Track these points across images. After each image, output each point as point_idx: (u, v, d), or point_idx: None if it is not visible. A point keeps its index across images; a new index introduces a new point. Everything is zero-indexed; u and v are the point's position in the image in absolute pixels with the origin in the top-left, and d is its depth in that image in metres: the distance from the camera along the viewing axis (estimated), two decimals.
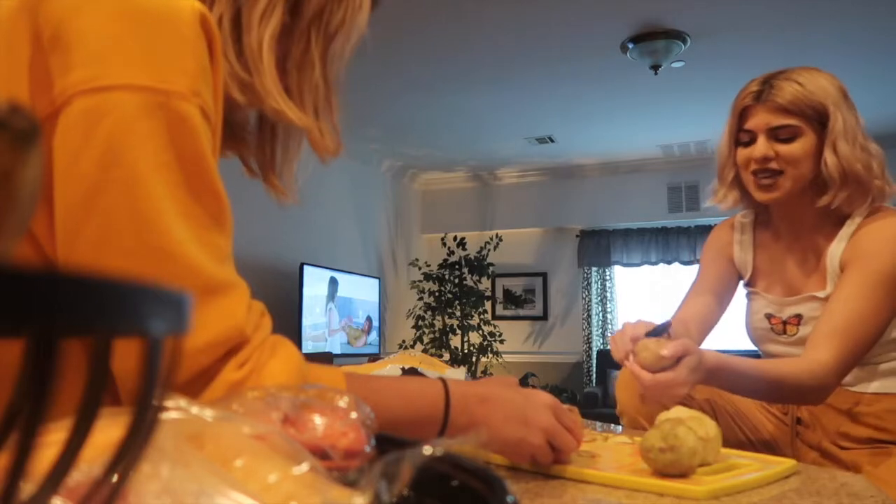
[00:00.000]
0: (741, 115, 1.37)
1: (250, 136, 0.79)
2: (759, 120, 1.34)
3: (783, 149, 1.32)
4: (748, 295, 1.52)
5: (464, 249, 6.08)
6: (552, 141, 5.62)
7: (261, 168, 0.80)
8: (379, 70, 4.17)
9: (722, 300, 1.51)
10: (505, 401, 0.73)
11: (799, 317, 1.39)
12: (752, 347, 1.55)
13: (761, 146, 1.33)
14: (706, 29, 3.64)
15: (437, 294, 5.99)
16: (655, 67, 3.90)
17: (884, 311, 1.25)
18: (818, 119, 1.31)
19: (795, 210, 1.39)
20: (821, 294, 1.35)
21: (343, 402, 0.45)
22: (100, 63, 0.52)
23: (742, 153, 1.38)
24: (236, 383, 0.56)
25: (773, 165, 1.33)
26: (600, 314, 6.37)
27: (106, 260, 0.53)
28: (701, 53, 3.88)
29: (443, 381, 0.72)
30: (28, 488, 0.18)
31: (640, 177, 6.21)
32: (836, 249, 1.33)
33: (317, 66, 0.70)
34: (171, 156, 0.54)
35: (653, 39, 3.72)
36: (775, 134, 1.33)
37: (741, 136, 1.38)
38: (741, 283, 1.53)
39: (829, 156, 1.30)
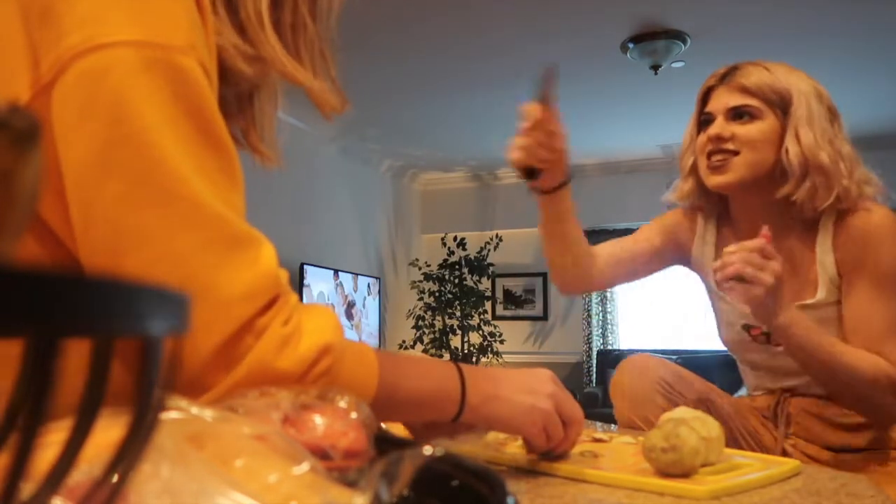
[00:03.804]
0: (704, 97, 1.34)
1: (231, 105, 0.79)
2: (719, 101, 1.30)
3: (740, 129, 1.27)
4: (713, 297, 1.45)
5: (464, 249, 6.08)
6: None
7: (245, 135, 0.80)
8: (379, 70, 4.16)
9: (637, 264, 1.45)
10: (510, 375, 0.75)
11: None
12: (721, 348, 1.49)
13: (717, 125, 1.29)
14: (706, 29, 3.64)
15: (437, 294, 5.99)
16: (655, 67, 3.89)
17: None
18: (781, 105, 1.27)
19: (753, 204, 1.33)
20: (810, 301, 1.29)
21: (343, 402, 0.45)
22: (93, 24, 0.52)
23: (701, 136, 1.33)
24: (286, 337, 0.55)
25: (729, 146, 1.28)
26: (600, 314, 6.37)
27: (132, 214, 0.52)
28: (701, 53, 3.88)
29: (451, 361, 0.74)
30: (28, 488, 0.18)
31: (640, 177, 6.21)
32: (823, 253, 1.28)
33: (308, 25, 0.71)
34: (178, 110, 0.53)
35: (653, 39, 3.72)
36: (734, 113, 1.28)
37: (702, 119, 1.34)
38: (707, 291, 1.46)
39: (790, 143, 1.24)
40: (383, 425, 0.57)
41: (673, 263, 1.51)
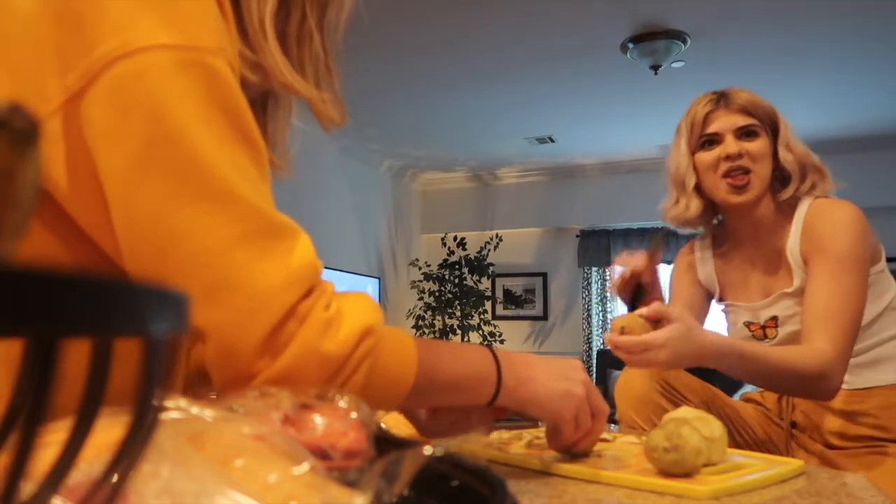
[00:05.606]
0: (704, 121, 1.43)
1: None
2: (725, 121, 1.41)
3: (750, 146, 1.39)
4: (724, 310, 1.55)
5: (464, 249, 6.08)
6: (552, 141, 5.62)
7: None
8: (379, 70, 4.17)
9: (697, 314, 1.54)
10: (543, 361, 0.76)
11: (775, 318, 1.41)
12: None
13: (731, 143, 1.39)
14: (706, 29, 3.64)
15: (437, 294, 5.99)
16: (655, 67, 3.89)
17: (856, 291, 1.27)
18: (770, 124, 1.41)
19: (757, 213, 1.42)
20: (789, 290, 1.37)
21: (343, 402, 0.45)
22: (127, 30, 0.53)
23: (707, 156, 1.42)
24: (329, 321, 0.57)
25: (745, 163, 1.38)
26: (600, 314, 6.37)
27: (173, 211, 0.53)
28: (701, 53, 3.88)
29: (483, 345, 0.76)
30: (28, 488, 0.18)
31: (640, 177, 6.20)
32: (793, 244, 1.37)
33: (315, 38, 0.72)
34: (212, 109, 0.55)
35: (653, 39, 3.71)
36: (741, 132, 1.40)
37: (703, 139, 1.43)
38: (714, 301, 1.57)
39: (784, 153, 1.39)
40: (383, 425, 0.57)
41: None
